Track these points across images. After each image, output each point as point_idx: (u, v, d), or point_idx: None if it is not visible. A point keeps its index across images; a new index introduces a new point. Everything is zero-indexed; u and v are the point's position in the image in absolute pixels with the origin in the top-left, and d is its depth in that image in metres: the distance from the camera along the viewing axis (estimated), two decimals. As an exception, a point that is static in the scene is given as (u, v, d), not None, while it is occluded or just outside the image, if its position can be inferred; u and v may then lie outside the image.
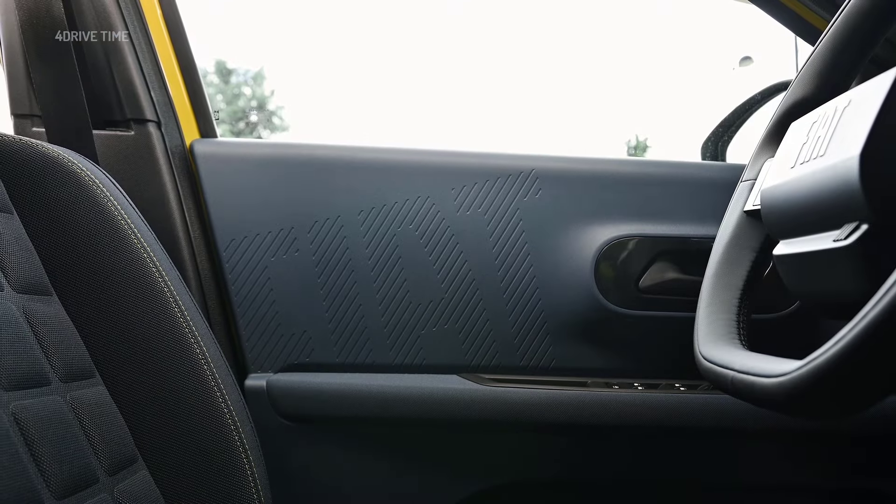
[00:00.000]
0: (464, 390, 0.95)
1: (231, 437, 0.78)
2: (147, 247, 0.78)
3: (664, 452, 1.01)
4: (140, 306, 0.76)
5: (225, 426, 0.78)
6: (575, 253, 0.98)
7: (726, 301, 0.70)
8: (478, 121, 18.94)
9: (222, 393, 0.78)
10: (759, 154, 0.77)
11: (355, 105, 19.40)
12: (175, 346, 0.77)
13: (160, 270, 0.78)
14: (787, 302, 0.96)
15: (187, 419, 0.76)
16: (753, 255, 0.72)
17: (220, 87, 15.32)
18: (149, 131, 0.99)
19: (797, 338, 0.97)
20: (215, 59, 15.06)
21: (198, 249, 1.00)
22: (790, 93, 0.74)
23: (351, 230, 0.99)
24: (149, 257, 0.78)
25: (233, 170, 1.00)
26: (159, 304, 0.77)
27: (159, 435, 0.75)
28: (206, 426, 0.76)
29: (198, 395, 0.77)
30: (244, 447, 0.78)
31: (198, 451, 0.75)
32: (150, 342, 0.76)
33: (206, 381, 0.78)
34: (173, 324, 0.77)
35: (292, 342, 0.99)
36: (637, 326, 0.97)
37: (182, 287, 0.81)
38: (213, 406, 0.77)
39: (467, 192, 1.00)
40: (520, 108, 19.36)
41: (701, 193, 1.00)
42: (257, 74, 16.54)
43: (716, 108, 13.60)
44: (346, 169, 1.00)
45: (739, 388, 0.56)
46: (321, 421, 0.98)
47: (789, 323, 0.96)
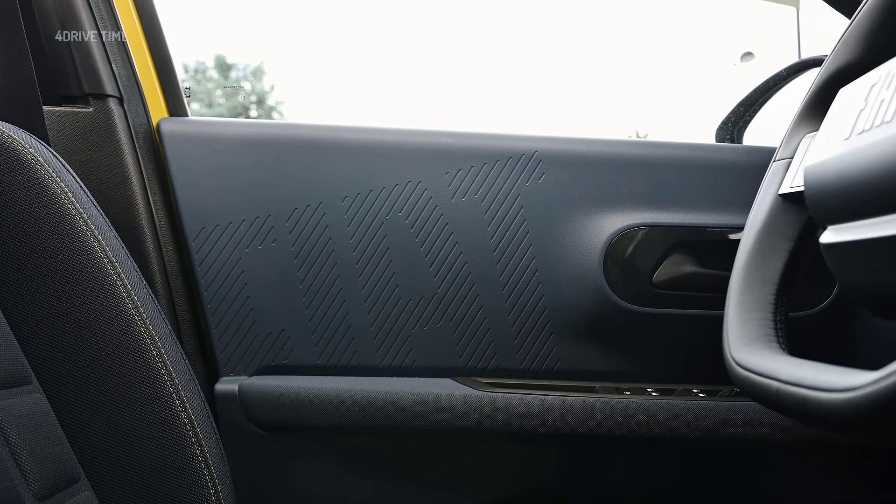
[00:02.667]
0: (458, 396, 0.88)
1: (191, 452, 0.70)
2: (98, 235, 0.70)
3: (682, 466, 0.94)
4: (88, 302, 0.68)
5: (184, 439, 0.69)
6: (581, 244, 0.90)
7: (760, 297, 0.62)
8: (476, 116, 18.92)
9: (182, 401, 0.71)
10: (797, 128, 0.68)
11: (356, 100, 19.40)
12: (128, 347, 0.69)
13: (113, 261, 0.70)
14: (818, 298, 0.87)
15: (140, 431, 0.68)
16: (791, 245, 0.64)
17: (219, 81, 15.31)
18: (109, 108, 0.90)
19: (830, 339, 0.87)
20: (214, 53, 15.05)
21: (164, 240, 0.92)
22: (833, 58, 0.66)
23: (334, 218, 0.91)
24: (99, 246, 0.70)
25: (204, 151, 0.92)
26: (111, 300, 0.69)
27: (107, 450, 0.67)
28: (161, 439, 0.69)
29: (153, 403, 0.70)
30: (207, 463, 0.70)
31: (152, 468, 0.68)
32: (99, 343, 0.68)
33: (164, 387, 0.70)
34: (126, 322, 0.69)
35: (268, 342, 0.92)
36: (650, 325, 0.90)
37: (139, 280, 0.73)
38: (170, 416, 0.70)
39: (462, 176, 0.92)
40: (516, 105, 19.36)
41: (720, 178, 0.92)
42: (257, 69, 16.55)
43: (716, 103, 13.54)
44: (329, 151, 0.92)
45: (787, 402, 0.47)
46: (299, 430, 0.91)
47: (820, 321, 0.87)
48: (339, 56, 22.38)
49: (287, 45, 21.39)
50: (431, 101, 20.95)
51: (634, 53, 20.57)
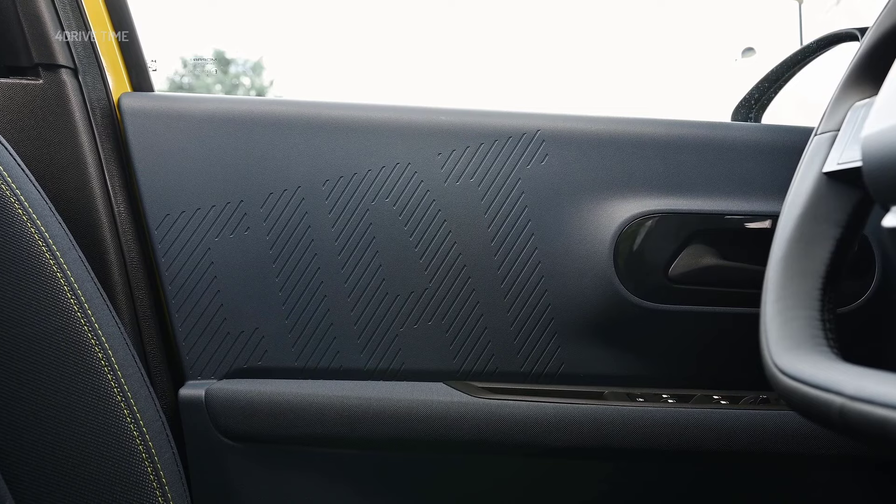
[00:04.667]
0: (450, 403, 0.79)
1: (141, 471, 0.61)
2: (37, 219, 0.62)
3: (700, 482, 0.84)
4: (20, 296, 0.60)
5: (133, 455, 0.61)
6: (589, 233, 0.82)
7: (805, 292, 0.53)
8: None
9: (132, 410, 0.62)
10: (843, 97, 0.59)
11: (356, 95, 19.34)
12: (68, 349, 0.61)
13: (53, 249, 0.61)
14: (855, 292, 0.78)
15: (80, 448, 0.60)
16: (839, 231, 0.55)
17: (218, 76, 15.30)
18: (62, 80, 0.80)
19: (869, 340, 0.78)
20: (214, 48, 15.04)
21: (123, 227, 0.82)
22: (885, 17, 0.56)
23: (314, 204, 0.82)
24: (38, 232, 0.61)
25: (169, 129, 0.83)
26: (48, 294, 0.61)
27: (41, 470, 0.59)
28: (106, 456, 0.61)
29: (97, 414, 0.61)
30: (160, 482, 0.62)
31: (93, 491, 0.59)
32: (34, 344, 0.60)
33: (109, 395, 0.61)
34: (67, 319, 0.61)
35: (240, 342, 0.83)
36: (665, 324, 0.82)
37: (84, 272, 0.64)
38: (118, 429, 0.61)
39: (457, 157, 0.83)
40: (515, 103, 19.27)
41: (745, 159, 0.83)
42: (256, 64, 16.55)
43: (717, 99, 13.51)
44: (308, 129, 0.83)
45: (855, 422, 0.38)
46: (273, 440, 0.82)
47: (859, 319, 0.78)
48: (339, 51, 22.30)
49: (286, 40, 21.33)
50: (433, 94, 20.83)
51: (634, 49, 20.50)
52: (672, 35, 19.02)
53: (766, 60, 11.28)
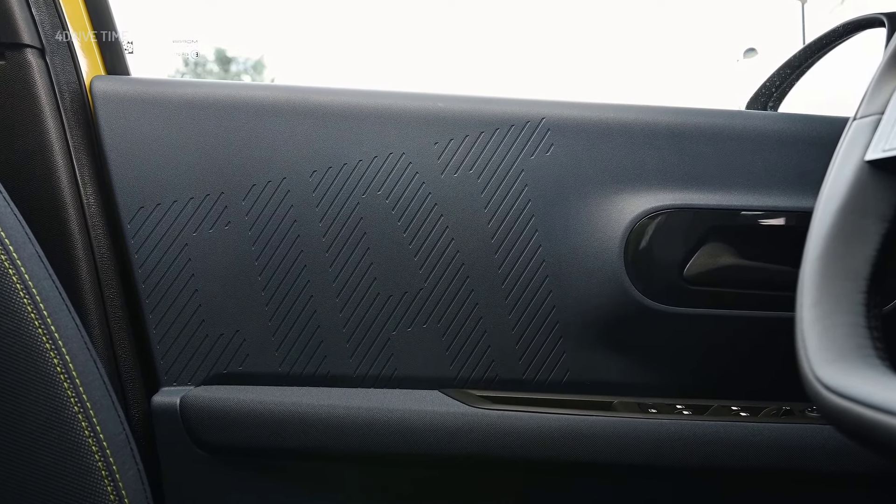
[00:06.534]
0: (447, 413, 0.74)
1: (100, 489, 0.56)
2: None
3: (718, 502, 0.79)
4: None
5: (91, 472, 0.55)
6: (597, 230, 0.77)
7: (847, 295, 0.47)
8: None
9: (92, 423, 0.57)
10: (887, 77, 0.53)
11: (354, 94, 19.55)
12: (20, 354, 0.56)
13: (6, 244, 0.58)
14: (890, 292, 0.72)
15: (31, 463, 0.54)
16: (885, 226, 0.50)
17: (220, 75, 15.37)
18: (27, 61, 0.75)
19: None
20: (215, 47, 15.10)
21: (92, 221, 0.77)
22: None
23: (300, 197, 0.77)
24: None
25: (145, 115, 0.78)
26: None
27: None
28: (60, 473, 0.56)
29: (51, 426, 0.56)
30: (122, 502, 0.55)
31: None
32: None
33: (66, 405, 0.56)
34: (20, 321, 0.56)
35: (220, 345, 0.78)
36: (679, 328, 0.77)
37: (42, 269, 0.59)
38: (74, 443, 0.56)
39: (455, 147, 0.78)
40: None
41: (765, 150, 0.79)
42: (257, 63, 16.60)
43: (718, 100, 13.52)
44: (294, 116, 0.78)
45: None
46: (253, 452, 0.77)
47: (893, 322, 0.72)
48: (341, 48, 22.36)
49: (288, 38, 21.40)
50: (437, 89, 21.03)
51: (635, 50, 20.53)
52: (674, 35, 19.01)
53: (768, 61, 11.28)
